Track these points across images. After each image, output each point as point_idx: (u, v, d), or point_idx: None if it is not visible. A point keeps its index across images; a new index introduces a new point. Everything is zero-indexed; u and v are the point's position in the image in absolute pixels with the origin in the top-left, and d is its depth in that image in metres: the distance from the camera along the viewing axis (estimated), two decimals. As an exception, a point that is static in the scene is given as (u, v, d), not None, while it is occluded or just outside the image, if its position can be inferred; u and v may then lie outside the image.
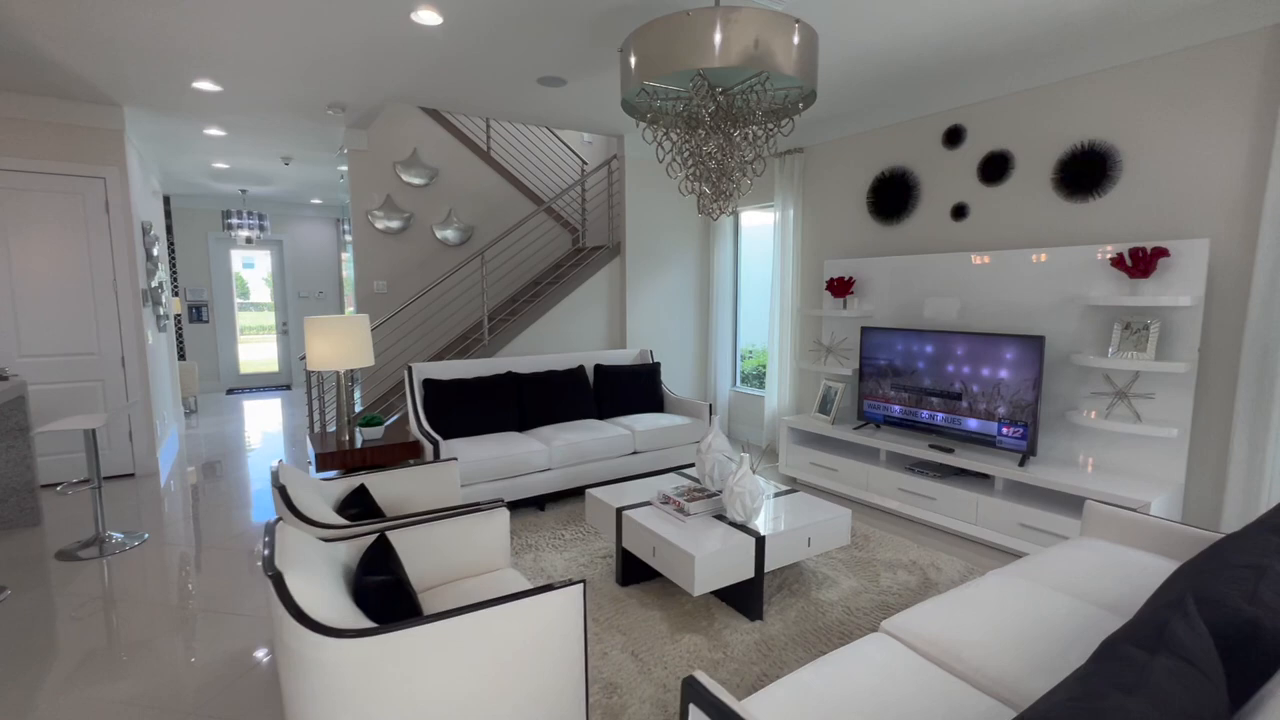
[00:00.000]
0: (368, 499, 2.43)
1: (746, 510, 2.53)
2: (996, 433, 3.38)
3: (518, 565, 2.98)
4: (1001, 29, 2.96)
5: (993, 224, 3.70)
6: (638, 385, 4.60)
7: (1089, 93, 3.25)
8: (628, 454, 4.05)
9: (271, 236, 8.48)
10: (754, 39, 2.21)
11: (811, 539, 2.64)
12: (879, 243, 4.36)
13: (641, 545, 2.59)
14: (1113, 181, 3.18)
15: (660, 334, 5.52)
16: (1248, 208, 2.77)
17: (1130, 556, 2.12)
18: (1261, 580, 1.19)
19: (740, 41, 2.19)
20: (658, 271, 5.45)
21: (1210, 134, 2.86)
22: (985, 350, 3.41)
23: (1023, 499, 3.19)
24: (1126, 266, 2.94)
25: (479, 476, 3.46)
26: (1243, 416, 2.75)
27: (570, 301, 5.07)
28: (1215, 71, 2.84)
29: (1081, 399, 3.26)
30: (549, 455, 3.70)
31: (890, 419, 3.94)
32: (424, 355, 5.17)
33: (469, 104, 4.27)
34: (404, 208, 5.05)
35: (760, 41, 2.21)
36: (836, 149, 4.60)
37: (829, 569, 2.96)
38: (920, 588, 2.78)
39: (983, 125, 3.72)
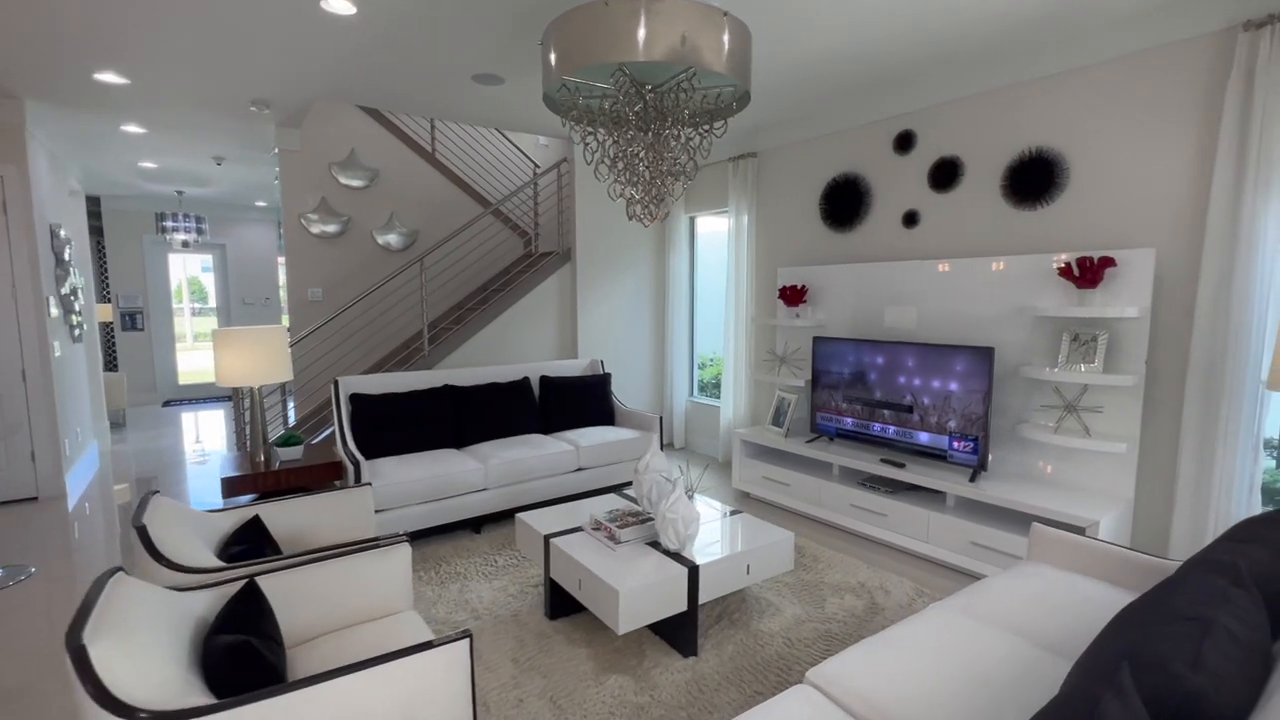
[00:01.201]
0: (261, 534, 2.19)
1: (680, 538, 2.36)
2: (948, 447, 3.27)
3: (441, 598, 2.76)
4: (948, 31, 2.86)
5: (944, 231, 3.61)
6: (586, 397, 4.41)
7: (1036, 98, 3.18)
8: (571, 471, 3.85)
9: (212, 240, 8.08)
10: (679, 33, 2.05)
11: (751, 566, 2.48)
12: (832, 250, 4.25)
13: (569, 577, 2.40)
14: (1060, 189, 3.11)
15: (614, 343, 5.34)
16: (1193, 217, 2.71)
17: (1076, 585, 2.00)
18: (1206, 638, 1.06)
19: (664, 35, 2.03)
20: (611, 278, 5.27)
21: (1155, 141, 2.80)
22: (936, 361, 3.31)
23: (974, 516, 3.08)
24: (1074, 276, 2.86)
25: (405, 499, 3.23)
26: (1190, 431, 2.68)
27: (518, 310, 4.86)
28: (1159, 78, 2.78)
29: (1032, 412, 3.18)
30: (485, 474, 3.49)
31: (843, 432, 3.82)
32: (362, 367, 4.90)
33: (404, 102, 4.04)
34: (341, 211, 4.79)
35: (687, 36, 2.06)
36: (790, 154, 4.49)
37: (774, 594, 2.80)
38: (866, 614, 2.64)
39: (933, 130, 3.63)
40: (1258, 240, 2.47)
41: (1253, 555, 1.42)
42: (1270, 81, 2.41)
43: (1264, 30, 2.42)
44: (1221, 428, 2.59)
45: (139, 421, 6.93)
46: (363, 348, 4.88)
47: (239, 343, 3.05)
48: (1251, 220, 2.47)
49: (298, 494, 2.43)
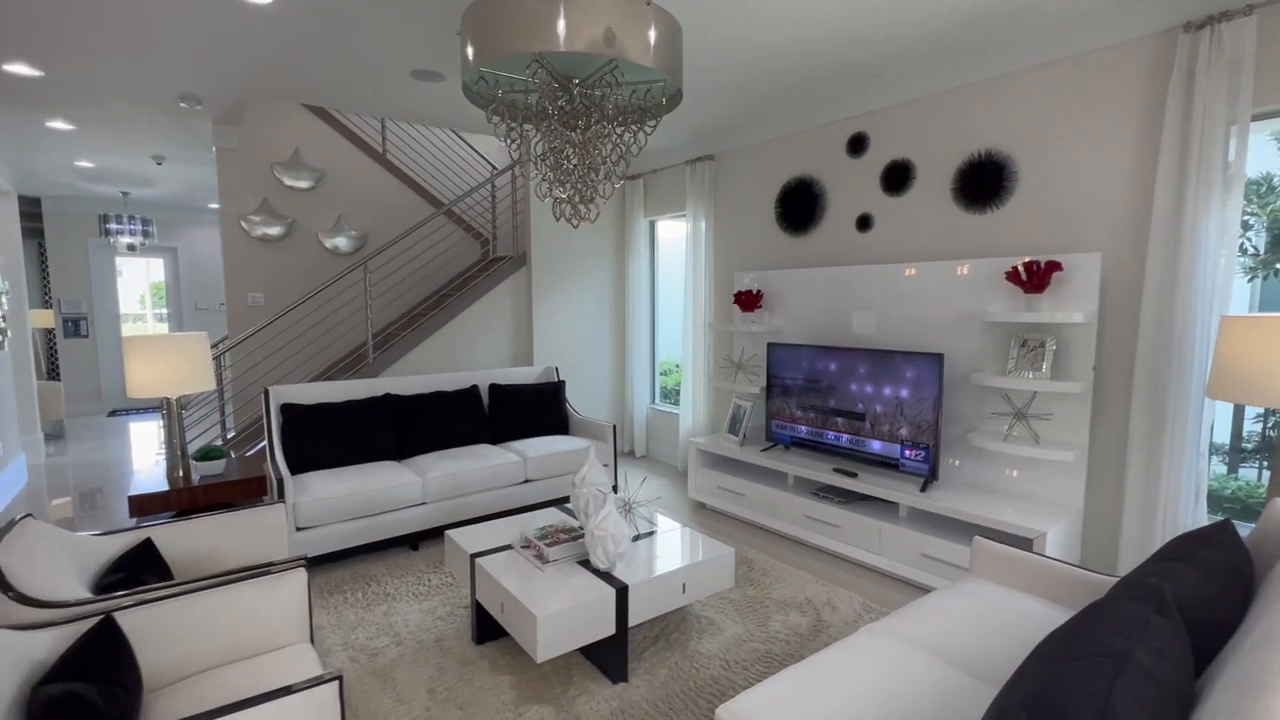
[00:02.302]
0: (149, 559, 2.02)
1: (609, 556, 2.23)
2: (900, 455, 3.19)
3: (363, 622, 2.59)
4: (890, 30, 2.79)
5: (897, 235, 3.55)
6: (539, 406, 4.27)
7: (984, 101, 3.13)
8: (518, 483, 3.70)
9: (161, 243, 7.79)
10: (602, 24, 1.94)
11: (688, 584, 2.36)
12: (788, 254, 4.17)
13: (492, 599, 2.25)
14: (1009, 192, 3.06)
15: (572, 350, 5.20)
16: (1137, 220, 2.66)
17: (1015, 604, 1.91)
18: (1120, 677, 0.96)
19: (586, 25, 1.92)
20: (569, 283, 5.14)
21: (1099, 143, 2.76)
22: (887, 368, 3.23)
23: (925, 527, 3.00)
24: (1021, 281, 2.80)
25: (334, 515, 3.06)
26: (1137, 438, 2.63)
27: (469, 316, 4.71)
28: (1102, 80, 2.73)
29: (983, 419, 3.11)
30: (422, 488, 3.33)
31: (798, 440, 3.73)
32: (307, 376, 4.70)
33: (345, 99, 3.89)
34: (285, 213, 4.60)
35: (609, 26, 1.95)
36: (746, 156, 4.41)
37: (716, 612, 2.68)
38: (810, 632, 2.54)
39: (885, 133, 3.57)
40: (1200, 244, 2.42)
41: (1182, 576, 1.33)
42: (1210, 83, 2.37)
43: (1203, 32, 2.38)
44: (1167, 435, 2.53)
45: (80, 432, 6.63)
46: (307, 355, 4.68)
47: (153, 350, 2.86)
48: (1194, 223, 2.42)
49: (214, 513, 2.26)
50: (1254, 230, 3.52)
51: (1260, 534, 1.56)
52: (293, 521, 2.96)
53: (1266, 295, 3.94)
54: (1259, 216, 3.45)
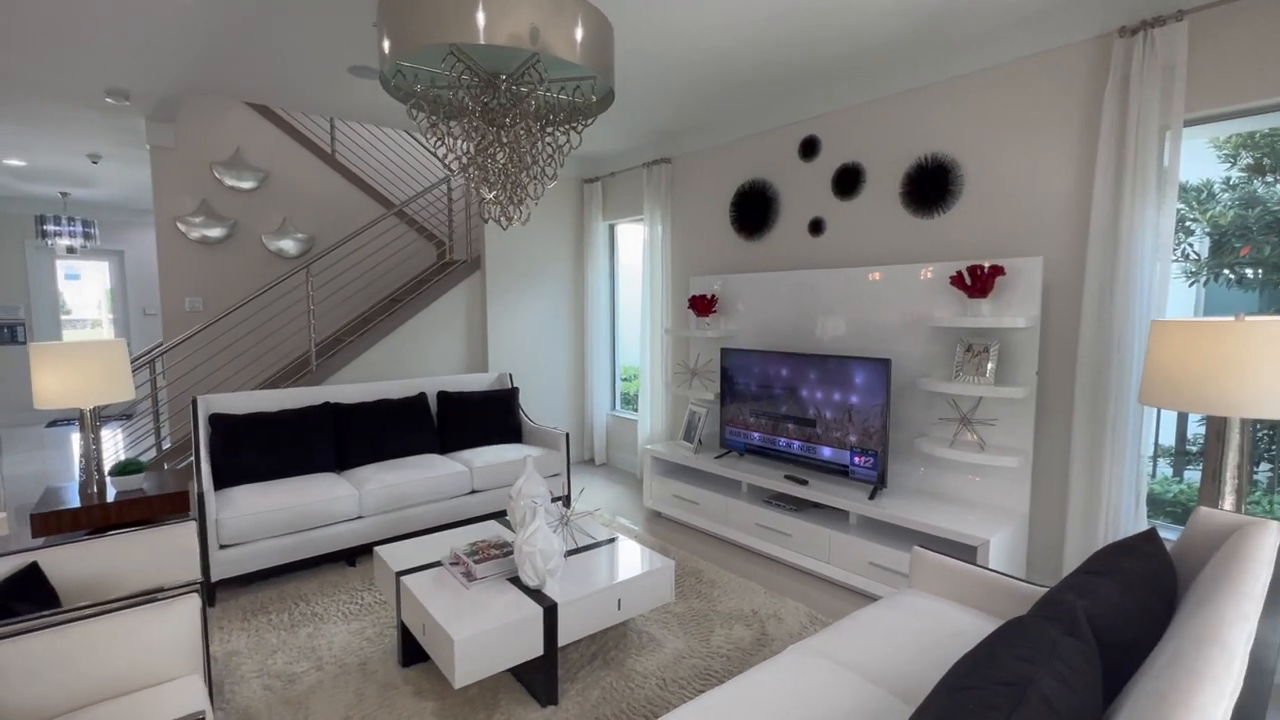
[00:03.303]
0: (35, 586, 1.87)
1: (539, 573, 2.13)
2: (849, 462, 3.15)
3: (284, 646, 2.45)
4: (840, 31, 2.76)
5: (848, 239, 3.52)
6: (490, 413, 4.15)
7: (931, 105, 3.11)
8: (464, 494, 3.58)
9: (105, 246, 7.48)
10: (524, 16, 1.85)
11: (623, 600, 2.27)
12: (743, 259, 4.12)
13: (416, 620, 2.14)
14: (956, 196, 3.04)
15: (530, 356, 5.09)
16: (1077, 225, 2.66)
17: (949, 618, 1.86)
18: (1017, 710, 0.90)
19: (507, 17, 1.83)
20: (525, 287, 5.03)
21: (1041, 147, 2.75)
22: (837, 373, 3.19)
23: (873, 535, 2.95)
24: (966, 285, 2.78)
25: (262, 531, 2.91)
26: (1080, 443, 2.61)
27: (420, 322, 4.57)
28: (1041, 85, 2.73)
29: (931, 425, 3.08)
30: (358, 501, 3.19)
31: (752, 447, 3.67)
32: (248, 385, 4.51)
33: (285, 97, 3.74)
34: (226, 214, 4.41)
35: (533, 20, 1.86)
36: (702, 159, 4.36)
37: (659, 627, 2.60)
38: (753, 646, 2.46)
39: (836, 137, 3.54)
40: (1136, 247, 2.42)
41: (1100, 592, 1.29)
42: (1144, 88, 2.37)
43: (1137, 37, 2.38)
44: (1108, 440, 2.52)
45: (16, 443, 6.31)
46: (246, 361, 4.49)
47: (62, 359, 2.69)
48: (1130, 227, 2.42)
49: (114, 532, 2.10)
50: (1196, 236, 3.57)
51: (1185, 544, 1.53)
52: (216, 539, 2.80)
53: (1211, 299, 4.00)
54: (1200, 222, 3.49)
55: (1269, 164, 3.37)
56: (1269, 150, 3.33)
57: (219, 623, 2.61)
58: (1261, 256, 3.32)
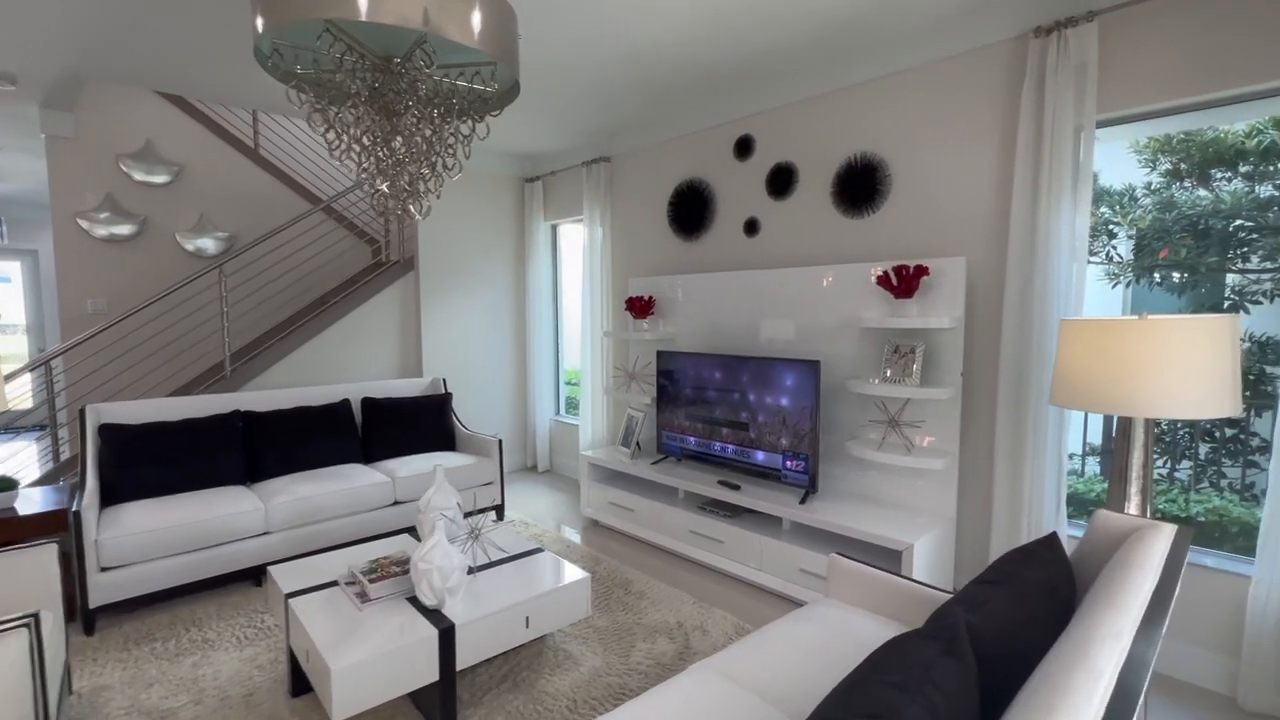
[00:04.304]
0: None
1: (436, 591, 1.99)
2: (781, 466, 3.09)
3: (163, 678, 2.24)
4: (767, 28, 2.70)
5: (782, 239, 3.47)
6: (421, 420, 3.97)
7: (859, 104, 3.09)
8: (386, 506, 3.40)
9: (18, 245, 7.00)
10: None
11: (533, 618, 2.14)
12: (681, 259, 4.05)
13: (301, 646, 1.97)
14: (884, 197, 3.02)
15: (468, 360, 4.92)
16: (998, 224, 2.65)
17: (861, 630, 1.79)
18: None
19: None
20: (463, 289, 4.86)
21: (964, 147, 2.74)
22: (768, 376, 3.13)
23: (804, 541, 2.89)
24: (892, 286, 2.74)
25: (153, 551, 2.68)
26: (1003, 444, 2.60)
27: (348, 326, 4.35)
28: (963, 85, 2.73)
29: (861, 428, 3.04)
30: (265, 516, 2.98)
31: (688, 452, 3.58)
32: (159, 393, 4.22)
33: (198, 86, 3.52)
34: (135, 210, 4.13)
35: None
36: (640, 158, 4.27)
37: (578, 643, 2.48)
38: (674, 661, 2.36)
39: (770, 135, 3.50)
40: (1054, 248, 2.41)
41: (991, 604, 1.22)
42: (1058, 88, 2.37)
43: (1051, 37, 2.38)
44: (1029, 440, 2.51)
45: (-93, 459, 5.80)
46: (153, 365, 4.20)
47: (-84, 365, 2.43)
48: (1047, 228, 2.41)
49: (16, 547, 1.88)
50: (1119, 239, 3.63)
51: (1085, 548, 1.49)
52: (95, 561, 2.57)
53: (1137, 301, 4.10)
54: (1122, 225, 3.56)
55: (1186, 169, 3.45)
56: (1185, 155, 3.41)
57: (93, 654, 2.38)
58: (1179, 258, 3.39)
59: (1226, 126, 3.26)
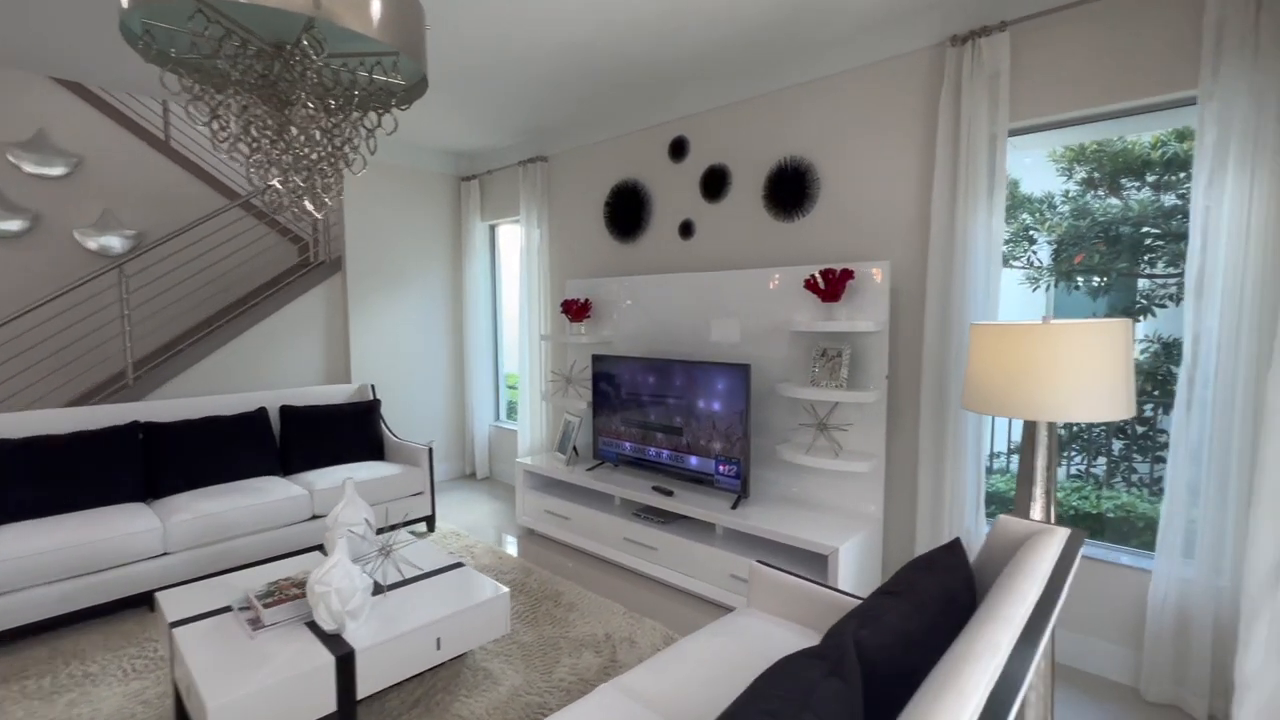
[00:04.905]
0: None
1: (335, 615, 1.86)
2: (714, 471, 3.06)
3: (30, 718, 2.03)
4: (690, 27, 2.66)
5: (716, 243, 3.45)
6: (346, 429, 3.79)
7: (790, 107, 3.09)
8: (304, 520, 3.21)
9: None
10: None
11: (445, 639, 2.04)
12: (618, 262, 3.99)
13: (184, 680, 1.81)
14: (814, 200, 3.03)
15: (401, 365, 4.73)
16: (920, 229, 2.69)
17: (777, 642, 1.76)
18: (736, 786, 0.75)
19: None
20: (395, 291, 4.68)
21: (887, 152, 2.77)
22: (701, 380, 3.09)
23: (736, 546, 2.86)
24: (819, 289, 2.75)
25: (28, 578, 2.44)
26: (927, 446, 2.63)
27: (270, 330, 4.12)
28: (886, 90, 2.76)
29: (791, 431, 3.04)
30: (163, 535, 2.77)
31: (624, 457, 3.52)
32: (54, 403, 3.90)
33: (86, 70, 3.25)
34: (24, 205, 3.80)
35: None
36: (577, 158, 4.19)
37: (500, 661, 2.38)
38: (598, 676, 2.29)
39: (703, 137, 3.47)
40: (970, 252, 2.46)
41: (887, 617, 1.19)
42: (973, 96, 2.41)
43: (966, 46, 2.43)
44: (949, 441, 2.55)
45: None
46: (51, 376, 3.87)
47: None
48: (965, 232, 2.46)
49: None
50: (1039, 244, 3.76)
51: (986, 554, 1.49)
52: (-41, 591, 2.32)
53: (1060, 305, 4.26)
54: (1041, 231, 3.69)
55: (1098, 178, 3.59)
56: (1097, 164, 3.56)
57: (-48, 696, 2.15)
58: (1092, 263, 3.53)
59: (1134, 137, 3.41)
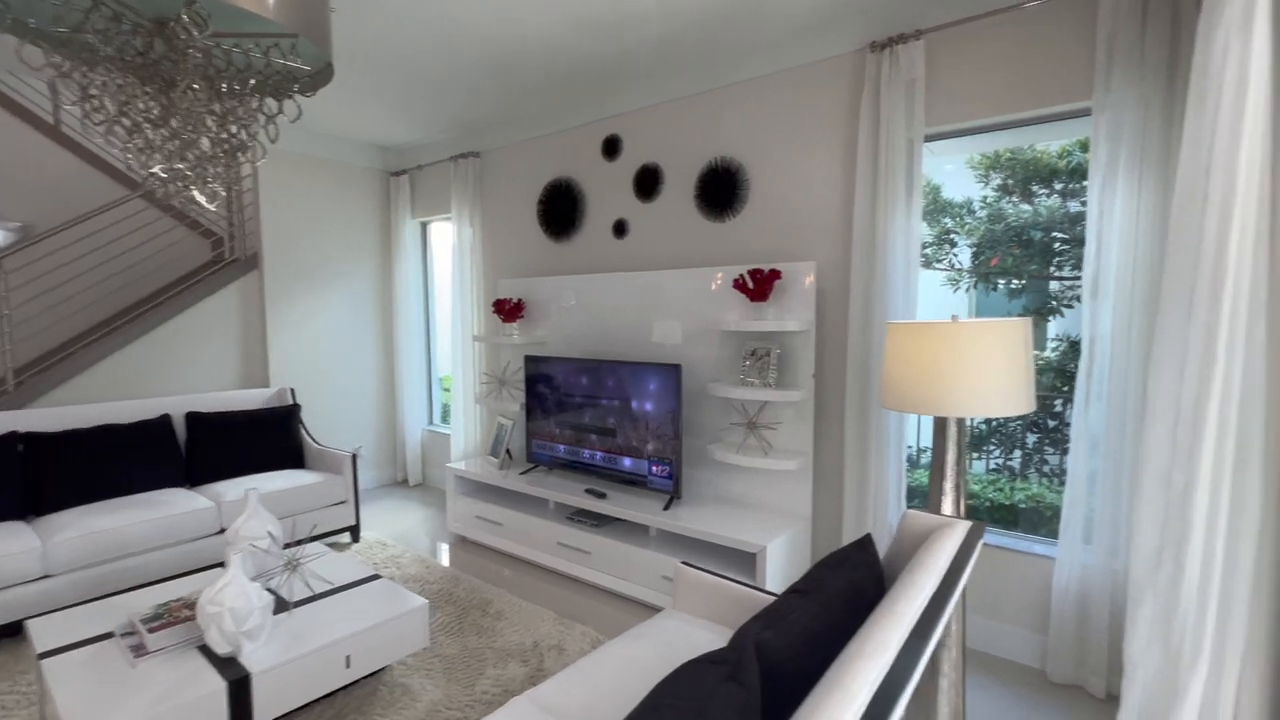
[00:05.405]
0: None
1: (229, 637, 1.73)
2: (647, 472, 3.03)
3: None
4: (623, 25, 2.63)
5: (649, 242, 3.43)
6: (263, 435, 3.57)
7: (721, 107, 3.10)
8: (212, 534, 3.00)
9: None
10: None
11: (355, 656, 1.93)
12: (552, 261, 3.92)
13: (53, 718, 1.64)
14: (744, 201, 3.05)
15: (326, 367, 4.50)
16: (844, 230, 2.74)
17: (696, 644, 1.74)
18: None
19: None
20: (319, 290, 4.45)
21: (813, 154, 2.82)
22: (633, 380, 3.07)
23: (669, 548, 2.84)
24: (748, 289, 2.76)
25: (-125, 610, 2.18)
26: (852, 443, 2.68)
27: (176, 331, 3.83)
28: (813, 93, 2.80)
29: (723, 431, 3.05)
30: (43, 556, 2.52)
31: (558, 460, 3.46)
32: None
33: (-51, 44, 2.93)
34: (-115, 192, 3.41)
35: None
36: (511, 155, 4.10)
37: (420, 675, 2.27)
38: (525, 684, 2.22)
39: (636, 136, 3.45)
40: (890, 253, 2.52)
41: (792, 616, 1.19)
42: (892, 101, 2.47)
43: (886, 52, 2.49)
44: (873, 438, 2.61)
45: None
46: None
47: None
48: (885, 233, 2.52)
49: None
50: (959, 247, 3.92)
51: (895, 549, 1.51)
52: None
53: (981, 305, 4.46)
54: (961, 235, 3.85)
55: (1012, 184, 3.78)
56: (1011, 171, 3.74)
57: None
58: (1007, 266, 3.70)
59: (1044, 146, 3.60)
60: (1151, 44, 1.99)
